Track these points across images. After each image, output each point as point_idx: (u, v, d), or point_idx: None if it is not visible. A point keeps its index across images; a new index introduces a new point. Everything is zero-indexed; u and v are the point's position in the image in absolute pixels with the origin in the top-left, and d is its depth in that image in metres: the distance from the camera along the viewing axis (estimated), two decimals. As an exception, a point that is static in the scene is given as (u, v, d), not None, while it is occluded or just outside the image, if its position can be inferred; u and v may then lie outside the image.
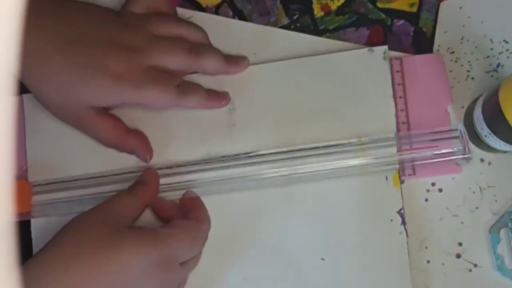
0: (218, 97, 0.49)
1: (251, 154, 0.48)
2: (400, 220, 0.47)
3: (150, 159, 0.48)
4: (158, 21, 0.48)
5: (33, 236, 0.48)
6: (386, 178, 0.47)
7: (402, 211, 0.47)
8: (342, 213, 0.47)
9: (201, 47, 0.48)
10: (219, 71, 0.49)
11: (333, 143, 0.48)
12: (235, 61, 0.49)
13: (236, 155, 0.48)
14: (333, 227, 0.47)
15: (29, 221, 0.48)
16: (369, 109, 0.48)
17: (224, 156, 0.48)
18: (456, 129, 0.48)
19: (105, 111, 0.48)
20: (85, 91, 0.45)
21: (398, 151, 0.48)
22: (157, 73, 0.46)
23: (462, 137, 0.47)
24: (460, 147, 0.47)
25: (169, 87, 0.46)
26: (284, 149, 0.48)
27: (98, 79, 0.45)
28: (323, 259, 0.47)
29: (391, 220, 0.47)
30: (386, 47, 0.49)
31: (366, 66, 0.49)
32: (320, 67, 0.49)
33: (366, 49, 0.49)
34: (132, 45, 0.46)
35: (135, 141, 0.48)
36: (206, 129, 0.49)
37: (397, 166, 0.47)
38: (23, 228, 0.48)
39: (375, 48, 0.49)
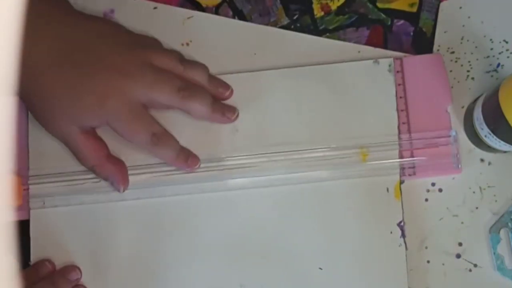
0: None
1: (251, 160, 0.48)
2: (399, 232, 0.47)
3: (124, 190, 0.47)
4: (161, 53, 0.47)
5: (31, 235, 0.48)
6: (387, 190, 0.47)
7: (402, 224, 0.47)
8: (341, 223, 0.47)
9: (192, 89, 0.47)
10: (203, 117, 0.48)
11: (335, 152, 0.48)
12: (221, 111, 0.48)
13: (236, 156, 0.48)
14: (332, 237, 0.47)
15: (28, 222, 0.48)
16: (372, 120, 0.48)
17: (224, 157, 0.48)
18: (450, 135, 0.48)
19: (92, 132, 0.47)
20: (70, 110, 0.45)
21: (399, 156, 0.48)
22: (140, 107, 0.46)
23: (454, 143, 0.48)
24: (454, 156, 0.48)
25: (147, 126, 0.46)
26: (285, 156, 0.48)
27: (84, 100, 0.45)
28: (321, 269, 0.47)
29: (391, 232, 0.47)
30: (391, 59, 0.49)
31: (371, 77, 0.49)
32: (325, 77, 0.49)
33: (372, 61, 0.49)
34: (124, 70, 0.45)
35: (112, 168, 0.47)
36: (208, 133, 0.49)
37: (397, 174, 0.47)
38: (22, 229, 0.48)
39: (381, 60, 0.49)
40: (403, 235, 0.47)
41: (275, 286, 0.47)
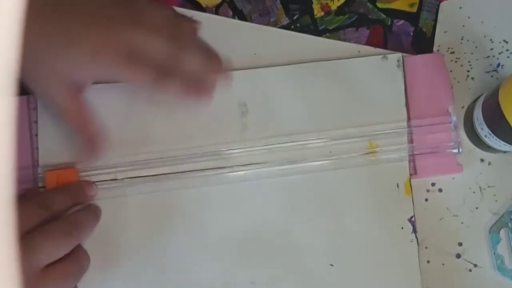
0: (199, 89, 0.46)
1: (259, 149, 0.48)
2: (411, 228, 0.47)
3: (91, 160, 0.47)
4: (157, 8, 0.45)
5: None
6: (397, 186, 0.48)
7: (413, 219, 0.47)
8: (352, 220, 0.47)
9: (187, 41, 0.45)
10: (196, 69, 0.46)
11: (345, 147, 0.48)
12: (216, 64, 0.47)
13: (245, 148, 0.48)
14: (343, 233, 0.47)
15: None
16: (381, 115, 0.49)
17: (234, 149, 0.48)
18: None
19: (78, 94, 0.46)
20: (58, 63, 0.43)
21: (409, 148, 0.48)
22: (135, 53, 0.44)
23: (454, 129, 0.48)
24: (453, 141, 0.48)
25: (146, 69, 0.44)
26: (294, 149, 0.48)
27: (73, 52, 0.43)
28: (332, 265, 0.47)
29: (402, 228, 0.47)
30: (400, 55, 0.49)
31: (380, 73, 0.49)
32: (334, 73, 0.49)
33: (380, 56, 0.49)
34: (118, 20, 0.44)
35: (91, 133, 0.46)
36: (217, 130, 0.49)
37: (407, 168, 0.48)
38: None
39: (389, 55, 0.49)
40: (414, 231, 0.47)
41: (286, 283, 0.47)
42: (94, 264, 0.48)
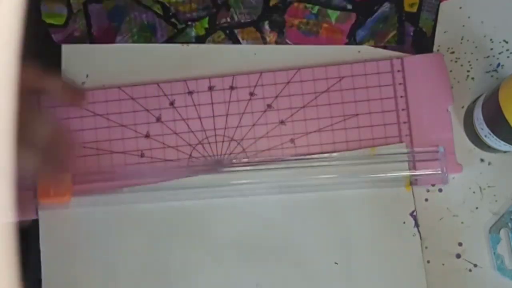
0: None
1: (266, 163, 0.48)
2: (413, 222, 0.47)
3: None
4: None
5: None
6: (398, 181, 0.48)
7: (414, 213, 0.47)
8: (354, 216, 0.48)
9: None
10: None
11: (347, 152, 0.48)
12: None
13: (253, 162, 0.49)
14: (345, 231, 0.47)
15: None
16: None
17: (241, 163, 0.49)
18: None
19: None
20: None
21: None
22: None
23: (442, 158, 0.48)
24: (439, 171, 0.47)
25: None
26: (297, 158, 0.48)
27: None
28: (336, 263, 0.47)
29: (404, 223, 0.47)
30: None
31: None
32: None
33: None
34: None
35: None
36: None
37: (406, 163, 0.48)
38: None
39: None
40: (416, 225, 0.47)
41: (292, 284, 0.47)
42: (96, 269, 0.48)
